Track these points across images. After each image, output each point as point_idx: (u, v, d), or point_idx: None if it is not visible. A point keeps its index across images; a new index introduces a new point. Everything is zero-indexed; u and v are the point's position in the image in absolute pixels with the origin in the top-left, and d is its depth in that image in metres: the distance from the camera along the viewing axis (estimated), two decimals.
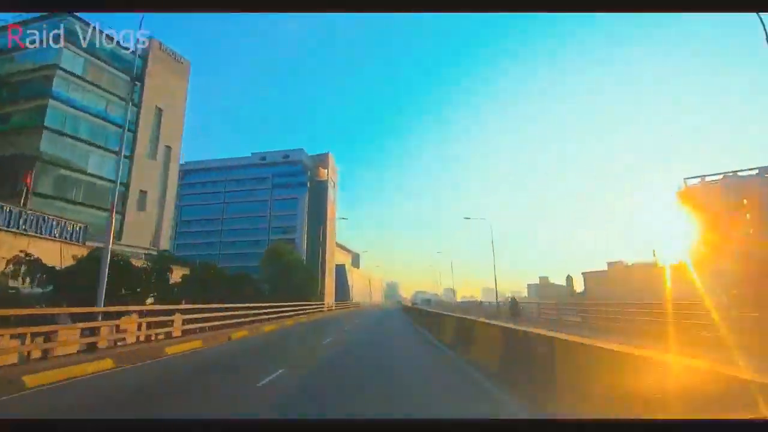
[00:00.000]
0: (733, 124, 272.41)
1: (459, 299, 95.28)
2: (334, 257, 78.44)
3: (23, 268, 12.99)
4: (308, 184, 70.46)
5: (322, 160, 74.58)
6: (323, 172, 74.60)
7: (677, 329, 11.88)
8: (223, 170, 71.25)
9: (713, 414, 2.34)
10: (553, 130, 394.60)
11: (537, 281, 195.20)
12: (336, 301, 66.56)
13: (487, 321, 9.58)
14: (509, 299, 32.04)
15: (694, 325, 12.19)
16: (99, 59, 33.18)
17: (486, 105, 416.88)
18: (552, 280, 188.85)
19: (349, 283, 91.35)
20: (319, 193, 71.65)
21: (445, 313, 17.82)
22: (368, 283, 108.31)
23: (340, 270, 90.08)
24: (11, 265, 13.04)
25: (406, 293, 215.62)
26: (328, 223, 71.22)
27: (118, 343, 10.90)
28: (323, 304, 49.54)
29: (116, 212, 13.77)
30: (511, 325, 7.66)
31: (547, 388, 4.55)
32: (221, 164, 72.30)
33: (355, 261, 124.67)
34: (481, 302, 48.10)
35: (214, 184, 72.55)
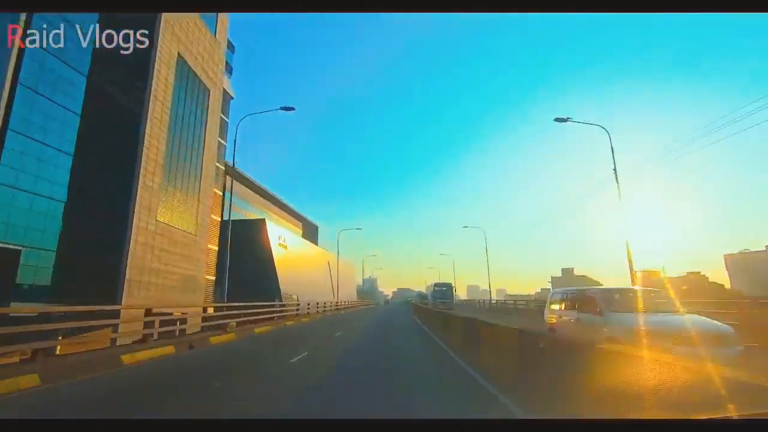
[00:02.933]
0: None
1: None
2: (210, 192, 28.98)
3: None
4: None
5: None
6: None
7: None
8: None
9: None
10: None
11: (560, 274, 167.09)
12: (223, 300, 19.12)
13: None
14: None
15: None
16: None
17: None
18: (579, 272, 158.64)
19: (275, 260, 42.43)
20: None
21: None
22: (326, 267, 59.37)
23: (252, 232, 41.00)
24: None
25: (386, 290, 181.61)
26: (158, 60, 21.24)
27: None
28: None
29: None
30: None
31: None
32: None
33: (310, 234, 75.35)
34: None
35: None
